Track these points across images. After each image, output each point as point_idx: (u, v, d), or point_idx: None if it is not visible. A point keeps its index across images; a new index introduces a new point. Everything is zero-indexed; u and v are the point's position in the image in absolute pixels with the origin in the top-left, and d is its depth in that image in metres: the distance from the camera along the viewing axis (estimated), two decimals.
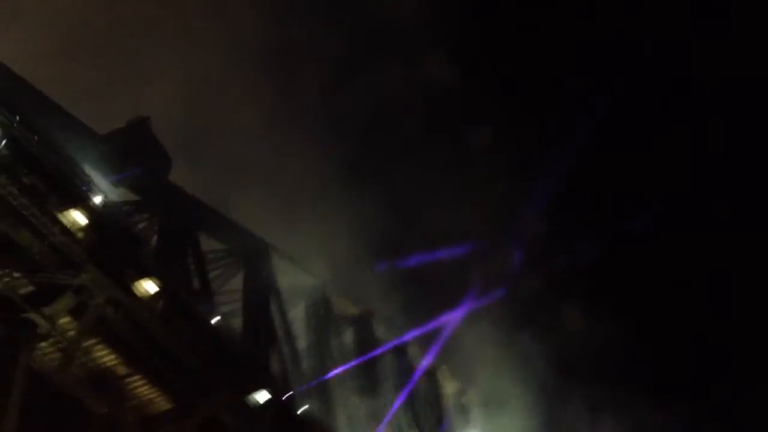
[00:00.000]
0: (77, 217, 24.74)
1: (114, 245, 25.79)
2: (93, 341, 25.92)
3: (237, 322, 31.91)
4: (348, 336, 39.84)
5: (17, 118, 23.87)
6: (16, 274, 24.07)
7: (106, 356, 26.38)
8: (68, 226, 24.58)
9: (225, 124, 40.35)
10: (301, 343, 35.49)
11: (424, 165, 54.64)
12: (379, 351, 40.47)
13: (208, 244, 32.67)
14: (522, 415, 47.89)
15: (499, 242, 54.74)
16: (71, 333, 25.20)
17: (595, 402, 52.85)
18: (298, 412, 31.54)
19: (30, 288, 24.29)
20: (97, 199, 25.53)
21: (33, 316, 24.30)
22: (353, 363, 38.24)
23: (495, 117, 56.87)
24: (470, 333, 46.08)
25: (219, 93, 42.01)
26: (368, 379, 38.71)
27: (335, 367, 36.79)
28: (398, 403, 40.34)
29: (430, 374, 45.20)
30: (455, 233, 50.98)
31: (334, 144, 46.64)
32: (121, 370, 26.82)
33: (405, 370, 42.32)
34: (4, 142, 23.39)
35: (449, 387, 46.37)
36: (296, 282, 36.39)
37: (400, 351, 42.55)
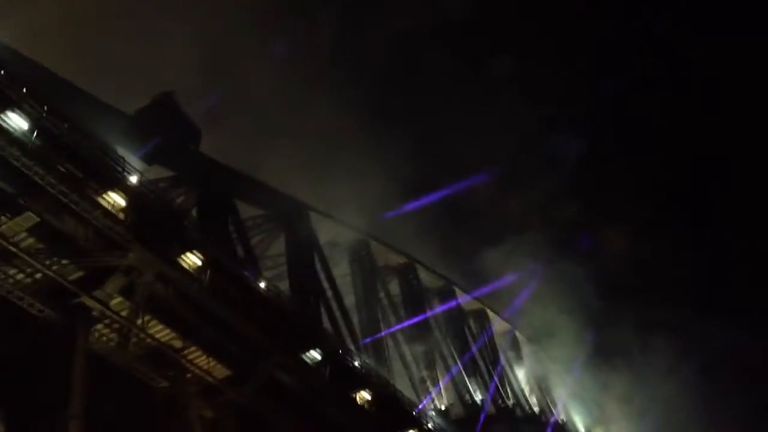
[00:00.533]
0: (117, 199, 24.94)
1: (156, 222, 26.02)
2: (147, 318, 26.29)
3: (284, 285, 32.16)
4: (394, 286, 40.06)
5: (45, 107, 23.95)
6: (64, 261, 24.39)
7: (161, 331, 26.79)
8: (109, 209, 24.79)
9: (244, 87, 40.22)
10: (350, 298, 35.79)
11: (449, 100, 54.20)
12: (425, 299, 40.78)
13: (247, 211, 32.84)
14: (572, 343, 48.12)
15: (533, 169, 54.50)
16: (125, 313, 25.56)
17: (643, 323, 53.07)
18: (353, 366, 31.86)
19: (80, 273, 24.62)
20: (134, 179, 25.70)
21: (86, 300, 24.63)
22: (402, 313, 38.61)
23: (518, 44, 55.99)
24: (514, 267, 46.22)
25: (235, 56, 41.78)
26: (419, 327, 39.06)
27: (385, 318, 37.13)
28: (450, 348, 40.75)
29: (479, 315, 45.44)
30: (488, 165, 50.78)
31: (354, 91, 46.33)
32: (177, 343, 27.23)
33: (454, 314, 42.59)
34: (35, 133, 23.48)
35: (499, 325, 46.60)
36: (337, 238, 36.59)
37: (448, 295, 42.78)
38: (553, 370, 48.97)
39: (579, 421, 50.36)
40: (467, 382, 40.54)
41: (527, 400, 46.02)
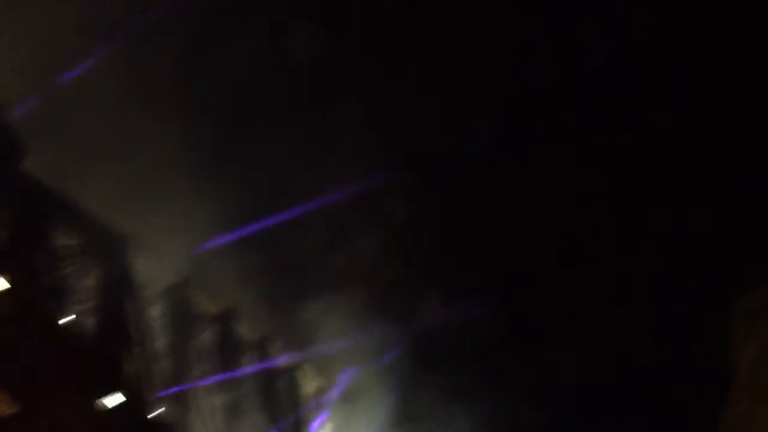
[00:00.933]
0: None
1: None
2: None
3: (92, 322, 30.18)
4: (209, 335, 38.48)
5: None
6: None
7: None
8: None
9: (76, 103, 37.70)
10: (160, 344, 33.99)
11: (290, 143, 53.33)
12: (240, 350, 39.46)
13: (63, 237, 30.55)
14: (381, 405, 47.91)
15: (362, 224, 54.29)
16: None
17: (450, 391, 53.65)
18: (151, 417, 30.36)
19: None
20: None
21: None
22: (214, 363, 37.17)
23: (366, 92, 55.92)
24: (330, 324, 45.59)
25: (64, 73, 39.18)
26: (229, 380, 37.71)
27: (194, 368, 35.57)
28: (259, 404, 39.61)
29: (293, 371, 44.45)
30: (320, 216, 50.19)
31: (195, 121, 44.64)
32: None
33: (268, 368, 41.44)
34: None
35: (310, 385, 45.72)
36: (155, 276, 34.72)
37: (264, 348, 41.62)
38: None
39: None
40: None
41: None
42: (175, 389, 33.02)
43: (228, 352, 38.65)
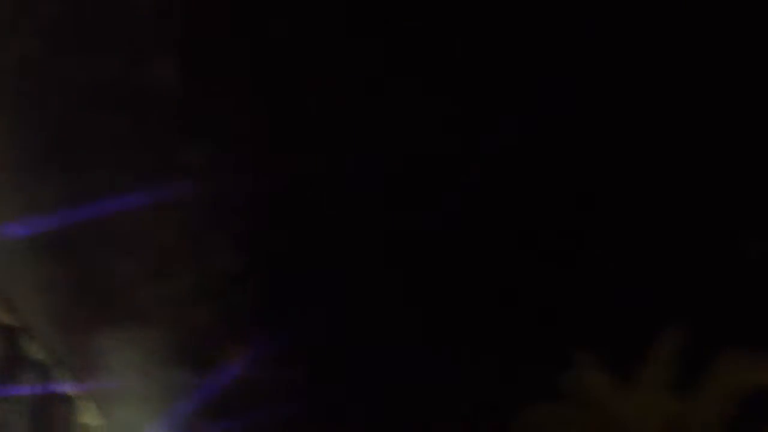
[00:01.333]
0: None
1: None
2: None
3: None
4: None
5: None
6: None
7: None
8: None
9: None
10: None
11: (125, 170, 51.55)
12: (19, 368, 37.04)
13: None
14: None
15: (181, 262, 52.65)
16: None
17: None
18: None
19: None
20: None
21: None
22: None
23: (216, 134, 54.92)
24: (124, 359, 43.44)
25: None
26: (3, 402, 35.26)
27: None
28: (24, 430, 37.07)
29: (70, 403, 42.01)
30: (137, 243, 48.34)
31: (29, 122, 42.53)
32: None
33: (44, 394, 39.02)
34: None
35: (88, 420, 43.33)
36: None
37: (44, 372, 39.22)
38: None
39: None
40: None
41: None
42: None
43: (5, 368, 36.21)
